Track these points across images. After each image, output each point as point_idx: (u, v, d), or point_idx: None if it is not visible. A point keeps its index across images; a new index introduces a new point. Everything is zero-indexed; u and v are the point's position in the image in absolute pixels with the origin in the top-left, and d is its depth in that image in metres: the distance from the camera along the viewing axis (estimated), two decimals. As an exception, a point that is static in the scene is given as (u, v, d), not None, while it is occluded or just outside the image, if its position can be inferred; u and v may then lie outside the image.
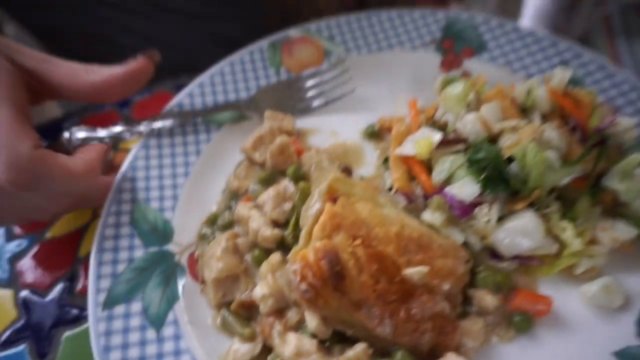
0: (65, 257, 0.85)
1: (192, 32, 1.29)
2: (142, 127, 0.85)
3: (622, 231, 0.71)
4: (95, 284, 0.71)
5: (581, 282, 0.72)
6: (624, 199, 0.73)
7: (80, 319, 0.78)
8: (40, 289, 0.82)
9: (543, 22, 4.84)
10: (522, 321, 0.68)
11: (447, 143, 0.78)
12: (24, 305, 0.80)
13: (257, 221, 0.74)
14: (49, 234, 0.88)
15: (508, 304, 0.70)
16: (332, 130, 0.94)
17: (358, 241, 0.64)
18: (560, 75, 0.80)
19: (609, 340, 0.66)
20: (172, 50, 1.31)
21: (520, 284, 0.73)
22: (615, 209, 0.75)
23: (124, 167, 0.84)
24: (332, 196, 0.69)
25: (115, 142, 0.88)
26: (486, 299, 0.68)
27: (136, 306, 0.70)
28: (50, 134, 1.02)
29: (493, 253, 0.75)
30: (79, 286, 0.82)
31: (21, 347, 0.76)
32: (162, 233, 0.78)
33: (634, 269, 0.71)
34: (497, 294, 0.70)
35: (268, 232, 0.72)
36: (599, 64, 0.91)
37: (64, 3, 1.18)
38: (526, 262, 0.73)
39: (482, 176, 0.72)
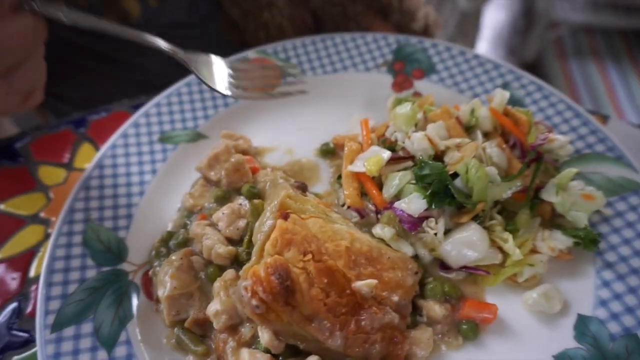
0: (15, 279, 0.83)
1: (154, 53, 1.30)
2: None
3: (559, 241, 0.75)
4: (43, 306, 0.70)
5: (524, 289, 0.75)
6: (560, 211, 0.78)
7: (30, 342, 0.76)
8: (-13, 314, 0.80)
9: (500, 45, 5.05)
10: (469, 329, 0.71)
11: (396, 160, 0.81)
12: (-31, 331, 0.78)
13: (212, 238, 0.75)
14: (-2, 256, 0.86)
15: (456, 313, 0.73)
16: (288, 148, 0.96)
17: (309, 256, 0.66)
18: (500, 96, 0.85)
19: (549, 344, 0.69)
20: (133, 70, 1.32)
21: (468, 294, 0.76)
22: (553, 220, 0.80)
23: (77, 187, 0.83)
24: (283, 213, 0.70)
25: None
26: (435, 308, 0.71)
27: (87, 327, 0.69)
28: (4, 152, 1.00)
29: (442, 264, 0.78)
30: (29, 309, 0.80)
31: (-35, 375, 0.73)
32: (115, 252, 0.78)
33: (572, 276, 0.76)
34: (445, 303, 0.73)
35: (222, 249, 0.73)
36: (538, 85, 0.98)
37: None
38: (473, 272, 0.76)
39: (429, 191, 0.76)
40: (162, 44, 0.81)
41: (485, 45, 4.54)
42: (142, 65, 1.31)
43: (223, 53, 1.07)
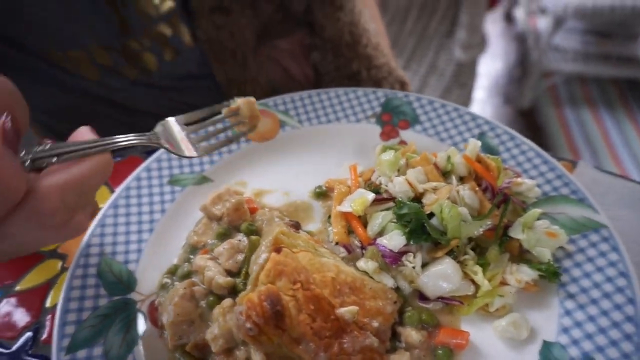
0: (32, 309, 0.92)
1: (167, 102, 1.43)
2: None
3: (525, 274, 0.83)
4: (60, 330, 0.78)
5: (495, 318, 0.82)
6: (526, 247, 0.86)
7: (45, 368, 0.84)
8: (6, 340, 0.87)
9: (496, 93, 5.23)
10: (444, 354, 0.77)
11: (380, 201, 0.91)
12: (-11, 356, 0.85)
13: (213, 270, 0.83)
14: (17, 287, 0.94)
15: (432, 339, 0.80)
16: (285, 191, 1.06)
17: (298, 285, 0.74)
18: (473, 145, 0.96)
19: (517, 369, 0.76)
20: (147, 118, 1.44)
21: (444, 322, 0.83)
22: (521, 256, 0.88)
23: (93, 224, 0.93)
24: (277, 247, 0.79)
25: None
26: (412, 334, 0.78)
27: (98, 350, 0.77)
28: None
29: (421, 295, 0.85)
30: (44, 336, 0.87)
31: (-16, 396, 0.80)
32: (126, 283, 0.87)
33: (538, 306, 0.83)
34: (422, 330, 0.80)
35: (222, 280, 0.81)
36: (510, 135, 1.09)
37: (42, 75, 1.31)
38: (448, 302, 0.84)
39: (408, 229, 0.85)
40: (128, 142, 0.76)
41: (482, 93, 4.74)
42: (157, 115, 1.44)
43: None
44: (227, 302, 0.79)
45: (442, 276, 0.83)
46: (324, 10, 1.38)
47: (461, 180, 0.95)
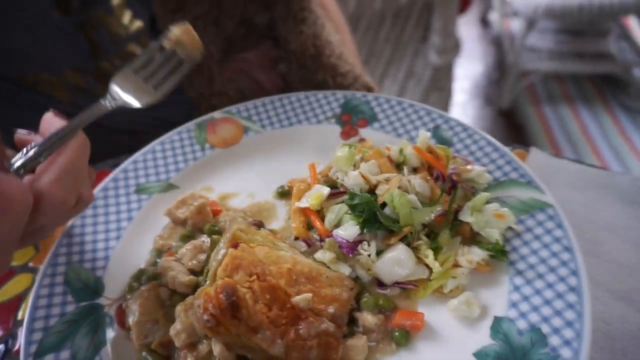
0: (4, 322, 0.94)
1: (142, 119, 1.47)
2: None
3: (475, 254, 0.87)
4: (27, 338, 0.80)
5: (450, 299, 0.86)
6: (476, 229, 0.90)
7: (16, 376, 0.86)
8: (-21, 353, 0.89)
9: (477, 95, 5.30)
10: (401, 335, 0.80)
11: (335, 195, 0.95)
12: (-38, 369, 0.87)
13: (176, 270, 0.86)
14: (-10, 302, 0.97)
15: (389, 323, 0.83)
16: (249, 192, 1.10)
17: (254, 277, 0.77)
18: (423, 136, 1.00)
19: (470, 344, 0.79)
20: (122, 135, 1.48)
21: (402, 307, 0.86)
22: (472, 238, 0.92)
23: (61, 234, 0.96)
24: (234, 243, 0.82)
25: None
26: (368, 318, 0.81)
27: (65, 354, 0.79)
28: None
29: (379, 282, 0.89)
30: (16, 347, 0.90)
31: (-44, 408, 0.82)
32: (93, 289, 0.89)
33: (490, 285, 0.86)
34: (379, 314, 0.83)
35: (184, 279, 0.84)
36: (463, 126, 1.13)
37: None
38: (404, 286, 0.87)
39: (361, 219, 0.88)
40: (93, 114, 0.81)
41: (463, 96, 4.83)
42: (132, 131, 1.48)
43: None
44: (189, 299, 0.82)
45: (396, 262, 0.86)
46: (286, 25, 1.44)
47: (414, 171, 0.99)
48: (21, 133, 0.80)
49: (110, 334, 0.84)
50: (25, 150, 0.72)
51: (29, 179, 0.70)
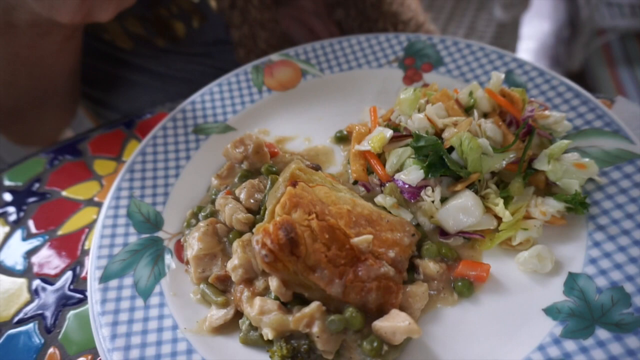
0: (72, 250, 0.98)
1: (197, 67, 1.47)
2: None
3: (550, 206, 0.80)
4: (94, 263, 0.83)
5: (519, 252, 0.80)
6: (552, 179, 0.82)
7: (83, 300, 0.90)
8: (50, 277, 0.94)
9: (543, 56, 4.94)
10: (464, 286, 0.76)
11: (398, 138, 0.90)
12: (36, 291, 0.92)
13: (233, 208, 0.85)
14: (59, 232, 1.01)
15: (452, 272, 0.79)
16: (307, 137, 1.07)
17: (313, 216, 0.75)
18: (496, 78, 0.92)
19: (540, 299, 0.74)
20: (179, 83, 1.49)
21: (466, 257, 0.82)
22: (547, 189, 0.84)
23: (123, 169, 0.97)
24: (293, 181, 0.80)
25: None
26: (429, 265, 0.77)
27: (128, 280, 0.82)
28: (66, 150, 1.18)
29: (441, 231, 0.84)
30: (83, 273, 0.94)
31: (30, 325, 0.87)
32: (153, 223, 0.91)
33: (565, 240, 0.80)
34: (441, 263, 0.79)
35: (241, 216, 0.84)
36: (539, 71, 1.03)
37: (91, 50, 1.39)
38: (469, 236, 0.82)
39: (426, 163, 0.83)
40: None
41: (527, 56, 4.50)
42: (188, 80, 1.48)
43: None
44: (247, 235, 0.81)
45: (462, 210, 0.81)
46: None
47: (485, 116, 0.91)
48: None
49: (170, 265, 0.85)
50: None
51: None
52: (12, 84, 1.20)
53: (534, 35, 4.65)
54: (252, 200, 0.88)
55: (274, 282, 0.73)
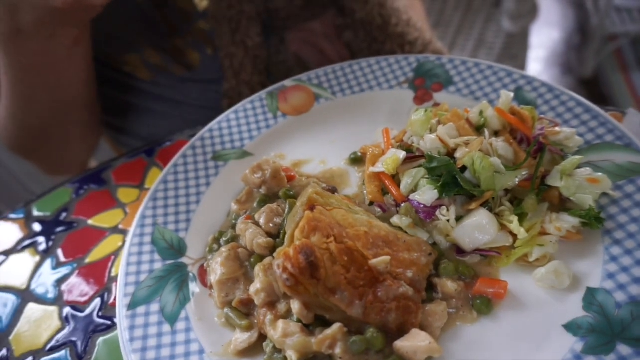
0: (100, 278, 1.02)
1: (213, 95, 1.52)
2: None
3: (565, 221, 0.81)
4: (122, 290, 0.86)
5: (536, 269, 0.81)
6: (566, 195, 0.83)
7: (112, 326, 0.93)
8: (80, 305, 0.98)
9: (554, 64, 4.92)
10: (482, 303, 0.77)
11: (411, 159, 0.92)
12: (67, 319, 0.96)
13: (253, 232, 0.88)
14: (87, 260, 1.05)
15: (469, 290, 0.80)
16: (322, 159, 1.10)
17: (331, 239, 0.77)
18: (505, 96, 0.94)
19: (559, 316, 0.74)
20: (195, 110, 1.54)
21: (482, 275, 0.83)
22: (561, 205, 0.85)
23: (147, 198, 1.01)
24: (311, 205, 0.83)
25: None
26: (447, 284, 0.79)
27: (154, 307, 0.85)
28: (91, 179, 1.22)
29: (458, 249, 0.86)
30: (111, 300, 0.97)
31: (62, 352, 0.91)
32: (177, 249, 0.94)
33: (581, 255, 0.81)
34: (458, 281, 0.80)
35: (261, 240, 0.86)
36: (548, 87, 1.05)
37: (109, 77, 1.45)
38: (485, 254, 0.83)
39: (440, 183, 0.85)
40: None
41: (538, 65, 4.50)
42: (204, 107, 1.53)
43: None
44: (268, 259, 0.84)
45: (477, 228, 0.82)
46: None
47: (496, 134, 0.93)
48: None
49: (194, 290, 0.88)
50: None
51: None
52: (32, 98, 1.26)
53: (544, 44, 4.65)
54: (271, 225, 0.90)
55: (295, 305, 0.75)
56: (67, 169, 1.54)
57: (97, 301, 0.98)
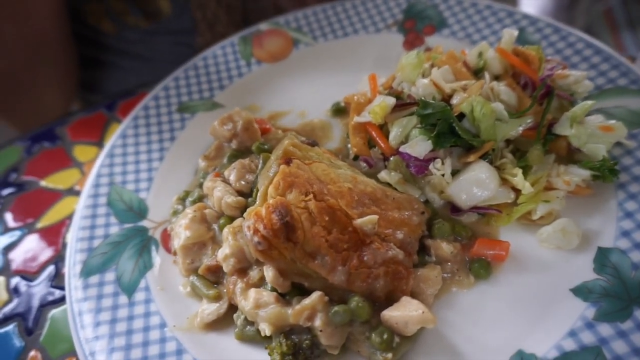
0: (53, 244, 0.90)
1: (183, 48, 1.38)
2: None
3: (574, 174, 0.72)
4: (72, 258, 0.76)
5: (540, 227, 0.72)
6: (576, 145, 0.74)
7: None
8: (30, 274, 0.87)
9: (544, 23, 4.80)
10: (481, 267, 0.69)
11: (402, 107, 0.81)
12: (15, 290, 0.85)
13: (222, 190, 0.77)
14: (39, 224, 0.94)
15: (467, 252, 0.71)
16: (301, 111, 0.98)
17: (310, 196, 0.67)
18: (508, 36, 0.83)
19: (567, 279, 0.66)
20: (167, 66, 1.39)
21: (481, 235, 0.74)
22: (570, 156, 0.76)
23: (102, 154, 0.89)
24: (286, 159, 0.72)
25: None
26: (442, 246, 0.70)
27: (110, 275, 0.74)
28: (43, 136, 1.09)
29: (453, 207, 0.76)
30: (65, 268, 0.86)
31: (10, 327, 0.80)
32: (137, 211, 0.83)
33: (592, 211, 0.72)
34: (454, 242, 0.71)
35: (231, 199, 0.76)
36: (555, 27, 0.94)
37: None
38: (484, 211, 0.74)
39: (434, 133, 0.75)
40: None
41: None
42: (173, 62, 1.39)
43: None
44: (238, 221, 0.73)
45: (475, 182, 0.73)
46: None
47: (497, 79, 0.82)
48: None
49: (155, 257, 0.78)
50: None
51: None
52: None
53: (533, 3, 4.50)
54: (242, 182, 0.80)
55: (269, 272, 0.65)
56: (42, 122, 1.40)
57: (50, 269, 0.87)
